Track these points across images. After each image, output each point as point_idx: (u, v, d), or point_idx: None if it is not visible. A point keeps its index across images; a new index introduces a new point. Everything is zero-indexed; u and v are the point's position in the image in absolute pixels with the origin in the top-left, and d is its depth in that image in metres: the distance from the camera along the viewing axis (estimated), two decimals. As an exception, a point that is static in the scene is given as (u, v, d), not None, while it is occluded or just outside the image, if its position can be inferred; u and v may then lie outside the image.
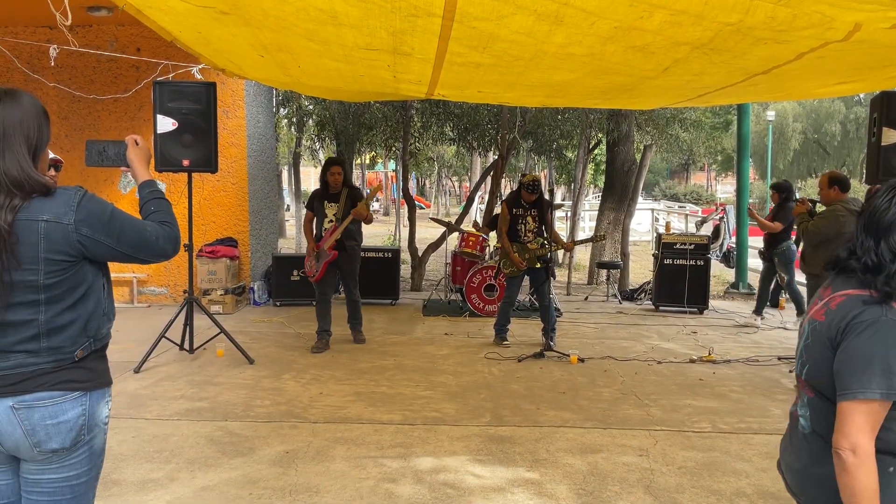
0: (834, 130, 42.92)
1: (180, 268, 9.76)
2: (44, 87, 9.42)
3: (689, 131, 13.71)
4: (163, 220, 2.33)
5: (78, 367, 2.17)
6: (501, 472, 4.35)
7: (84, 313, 2.18)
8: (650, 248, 17.38)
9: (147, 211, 2.36)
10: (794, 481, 2.08)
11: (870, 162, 6.74)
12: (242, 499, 3.94)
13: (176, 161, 6.57)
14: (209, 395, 5.78)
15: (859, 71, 4.91)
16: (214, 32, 4.92)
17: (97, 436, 2.25)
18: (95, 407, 2.23)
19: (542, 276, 7.54)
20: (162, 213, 2.35)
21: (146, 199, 2.39)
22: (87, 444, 2.21)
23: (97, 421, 2.24)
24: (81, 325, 2.17)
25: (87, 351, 2.19)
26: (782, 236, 8.65)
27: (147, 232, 2.24)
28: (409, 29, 4.23)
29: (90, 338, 2.20)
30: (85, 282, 2.18)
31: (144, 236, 2.23)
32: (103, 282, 2.27)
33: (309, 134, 17.09)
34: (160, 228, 2.29)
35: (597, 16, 3.74)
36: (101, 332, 2.26)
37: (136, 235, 2.21)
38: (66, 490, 2.19)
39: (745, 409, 5.64)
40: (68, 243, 2.09)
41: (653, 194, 44.04)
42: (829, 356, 1.88)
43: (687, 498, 4.03)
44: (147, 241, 2.23)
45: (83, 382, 2.18)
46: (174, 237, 2.31)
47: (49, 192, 2.09)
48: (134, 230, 2.21)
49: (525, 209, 7.56)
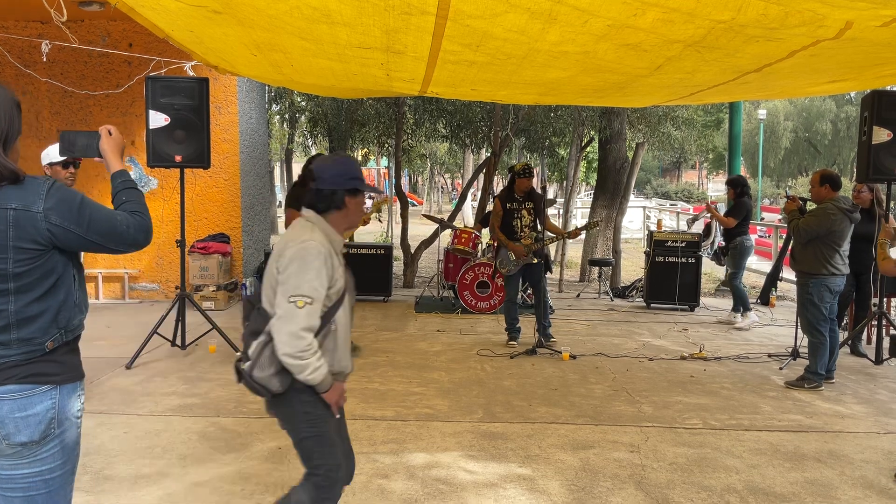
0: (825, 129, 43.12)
1: (172, 264, 9.74)
2: (36, 82, 9.39)
3: (681, 129, 13.74)
4: (134, 209, 2.32)
5: (48, 360, 2.17)
6: (494, 468, 4.36)
7: (55, 304, 2.17)
8: (642, 246, 17.43)
9: (119, 201, 2.35)
10: None
11: (860, 160, 6.79)
12: (235, 494, 3.94)
13: (168, 157, 6.55)
14: (201, 391, 5.78)
15: (850, 69, 4.94)
16: (207, 31, 4.91)
17: (68, 430, 2.24)
18: (66, 401, 2.22)
19: (538, 271, 7.46)
20: (133, 203, 2.34)
21: (118, 188, 2.38)
22: (58, 438, 2.20)
23: (68, 415, 2.23)
24: (52, 315, 2.17)
25: (57, 342, 2.18)
26: (736, 231, 8.68)
27: (117, 221, 2.23)
28: (403, 27, 4.24)
29: (61, 329, 2.20)
30: (55, 272, 2.17)
31: (114, 225, 2.22)
32: (74, 272, 2.26)
33: (301, 130, 17.08)
34: (131, 218, 2.28)
35: (590, 14, 3.75)
36: (73, 324, 2.25)
37: (106, 224, 2.21)
38: (41, 485, 2.19)
39: (735, 406, 5.67)
40: (37, 232, 2.09)
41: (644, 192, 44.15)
42: None
43: (678, 493, 4.05)
44: (117, 231, 2.23)
45: (53, 376, 2.18)
46: (145, 227, 2.31)
47: (18, 181, 2.10)
48: (104, 219, 2.20)
49: (519, 203, 7.40)
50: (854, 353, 7.36)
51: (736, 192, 8.83)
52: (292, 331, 2.59)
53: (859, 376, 6.60)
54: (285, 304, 2.61)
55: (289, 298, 2.61)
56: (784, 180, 46.56)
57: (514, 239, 7.41)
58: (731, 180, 9.12)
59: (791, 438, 4.95)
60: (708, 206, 9.62)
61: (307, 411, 2.76)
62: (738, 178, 9.18)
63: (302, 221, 2.81)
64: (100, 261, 9.68)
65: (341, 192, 2.79)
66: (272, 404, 2.79)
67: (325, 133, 14.27)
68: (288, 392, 2.71)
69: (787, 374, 6.52)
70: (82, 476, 4.12)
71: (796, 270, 6.31)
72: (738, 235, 8.66)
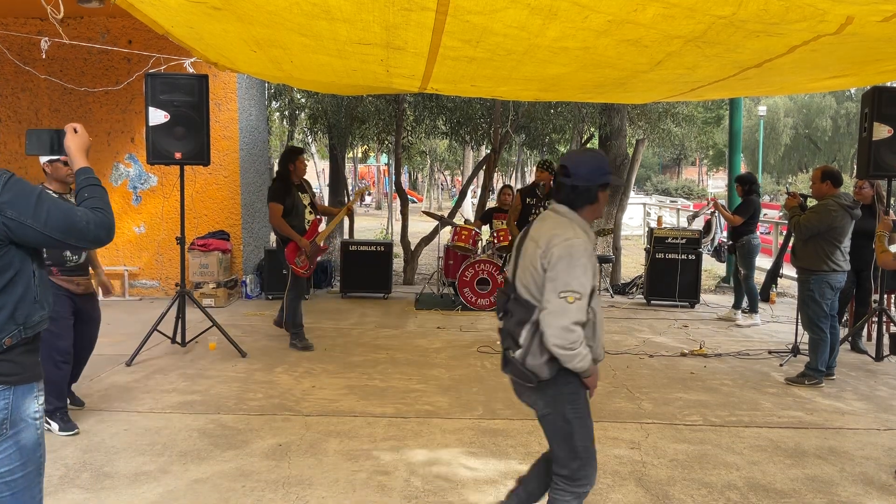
0: (825, 125, 43.10)
1: (172, 261, 9.73)
2: (35, 79, 9.37)
3: (681, 126, 13.74)
4: (96, 206, 2.31)
5: (4, 360, 2.15)
6: (494, 465, 4.36)
7: (12, 299, 2.16)
8: (642, 243, 17.43)
9: (81, 197, 2.34)
10: None
11: (861, 157, 6.78)
12: (235, 491, 3.94)
13: (168, 154, 6.54)
14: (201, 389, 5.78)
15: (851, 65, 4.93)
16: (206, 28, 4.90)
17: (24, 430, 2.21)
18: (20, 401, 2.20)
19: None
20: (95, 200, 2.33)
21: (81, 185, 2.37)
22: (12, 440, 2.18)
23: (23, 416, 2.20)
24: (9, 311, 2.15)
25: (15, 339, 2.17)
26: (743, 229, 8.58)
27: (77, 217, 2.22)
28: (403, 23, 4.23)
29: (19, 325, 2.18)
30: (12, 266, 2.16)
31: (74, 221, 2.21)
32: (34, 268, 2.24)
33: (301, 127, 17.06)
34: (92, 214, 2.27)
35: (590, 9, 3.74)
36: (32, 320, 2.23)
37: (65, 220, 2.19)
38: (3, 487, 2.18)
39: (735, 403, 5.67)
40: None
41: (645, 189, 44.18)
42: None
43: (678, 490, 4.05)
44: (76, 227, 2.21)
45: (8, 376, 2.16)
46: (106, 224, 2.29)
47: None
48: (62, 214, 2.19)
49: (539, 199, 7.32)
50: (854, 349, 7.36)
51: (745, 189, 8.67)
52: (564, 325, 2.75)
53: (859, 373, 6.59)
54: (556, 300, 2.77)
55: (559, 294, 2.76)
56: (784, 177, 46.57)
57: None
58: (740, 177, 8.95)
59: (791, 435, 4.95)
60: (714, 203, 9.55)
61: (573, 393, 2.96)
62: (748, 175, 9.00)
63: (558, 217, 2.95)
64: (99, 258, 9.65)
65: (595, 188, 2.94)
66: (535, 389, 2.97)
67: (325, 130, 14.25)
68: (554, 377, 2.90)
69: (788, 371, 6.52)
70: (82, 473, 4.12)
71: (797, 267, 6.30)
72: (746, 234, 8.56)
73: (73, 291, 4.78)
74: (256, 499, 3.85)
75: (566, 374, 2.90)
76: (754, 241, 8.62)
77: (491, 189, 13.56)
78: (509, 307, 2.98)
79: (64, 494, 3.85)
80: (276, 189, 6.99)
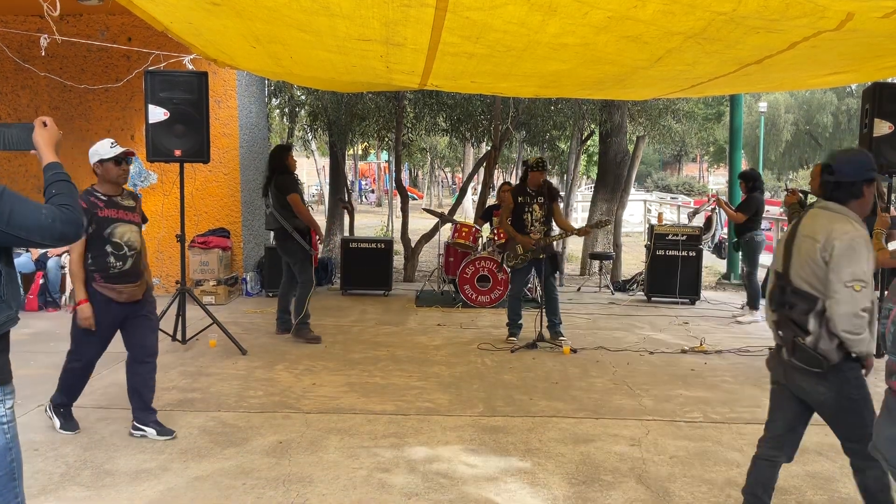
0: (826, 122, 43.01)
1: (172, 258, 9.73)
2: (34, 76, 9.36)
3: (682, 122, 13.73)
4: (63, 202, 2.26)
5: None
6: (494, 462, 4.36)
7: None
8: (642, 239, 17.42)
9: (49, 194, 2.30)
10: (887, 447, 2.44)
11: (861, 153, 6.75)
12: (236, 489, 3.94)
13: (168, 151, 6.54)
14: (202, 386, 5.78)
15: (852, 61, 4.92)
16: (206, 24, 4.89)
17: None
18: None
19: (547, 268, 7.30)
20: (63, 196, 2.29)
21: (49, 181, 2.32)
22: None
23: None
24: None
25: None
26: (747, 226, 8.55)
27: (42, 215, 2.18)
28: (402, 19, 4.22)
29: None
30: None
31: (38, 219, 2.17)
32: (1, 266, 2.21)
33: (301, 124, 17.04)
34: (58, 211, 2.22)
35: (590, 6, 3.73)
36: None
37: (29, 218, 2.16)
38: None
39: (736, 400, 5.67)
40: None
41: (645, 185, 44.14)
42: None
43: (679, 487, 4.05)
44: (41, 224, 2.17)
45: None
46: (74, 220, 2.25)
47: None
48: (27, 212, 2.15)
49: (532, 197, 7.27)
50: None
51: (748, 186, 8.62)
52: (853, 311, 2.96)
53: (860, 369, 6.59)
54: (843, 290, 2.97)
55: (846, 284, 2.96)
56: (785, 173, 46.52)
57: (524, 233, 7.29)
58: (744, 174, 8.88)
59: (792, 431, 4.94)
60: (718, 199, 9.52)
61: (856, 377, 3.21)
62: (752, 172, 8.95)
63: (830, 214, 3.12)
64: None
65: (860, 183, 3.10)
66: (819, 375, 3.16)
67: (325, 127, 14.23)
68: (839, 362, 3.12)
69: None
70: (82, 471, 4.12)
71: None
72: (749, 231, 8.54)
73: (115, 300, 4.53)
74: (257, 496, 3.85)
75: (849, 359, 3.13)
76: (758, 238, 8.60)
77: (491, 186, 13.55)
78: (788, 299, 3.19)
79: (65, 492, 3.85)
80: (291, 181, 7.20)
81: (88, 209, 4.31)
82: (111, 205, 4.48)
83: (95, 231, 4.40)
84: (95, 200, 4.43)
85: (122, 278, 4.52)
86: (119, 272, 4.50)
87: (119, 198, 4.53)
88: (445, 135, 15.79)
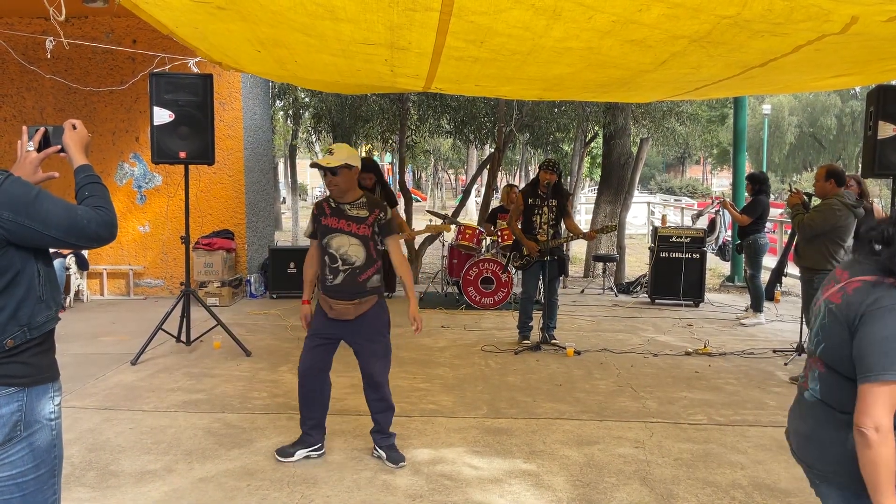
0: (829, 124, 42.97)
1: (177, 260, 9.76)
2: (40, 78, 9.40)
3: (686, 124, 13.71)
4: (97, 204, 2.29)
5: (14, 361, 2.14)
6: (498, 464, 4.37)
7: (13, 300, 2.13)
8: (646, 242, 17.42)
9: (82, 196, 2.32)
10: (798, 444, 2.30)
11: (866, 155, 6.74)
12: (240, 490, 3.95)
13: (172, 153, 6.55)
14: (206, 387, 5.79)
15: (856, 64, 4.93)
16: (211, 27, 4.91)
17: (38, 432, 2.20)
18: (35, 403, 2.18)
19: (553, 270, 7.29)
20: (97, 198, 2.31)
21: (81, 183, 2.34)
22: (25, 441, 2.16)
23: (37, 417, 2.19)
24: (11, 311, 2.13)
25: (19, 340, 2.14)
26: (750, 228, 8.53)
27: (78, 216, 2.19)
28: (407, 23, 4.23)
29: (23, 326, 2.16)
30: (12, 267, 2.13)
31: (75, 220, 2.18)
32: (38, 267, 2.22)
33: (305, 126, 17.08)
34: (93, 213, 2.24)
35: (595, 10, 3.74)
36: (37, 321, 2.20)
37: (66, 219, 2.17)
38: (14, 488, 2.16)
39: (740, 402, 5.67)
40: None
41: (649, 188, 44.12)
42: (846, 337, 2.04)
43: (683, 489, 4.05)
44: (78, 226, 2.19)
45: (20, 378, 2.15)
46: (108, 222, 2.27)
47: None
48: (63, 214, 2.17)
49: (542, 199, 7.24)
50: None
51: (754, 188, 8.62)
52: None
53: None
54: None
55: None
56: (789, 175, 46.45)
57: (531, 235, 7.29)
58: (751, 176, 8.85)
59: (796, 434, 4.94)
60: (723, 201, 9.50)
61: None
62: (760, 174, 8.92)
63: None
64: (104, 257, 9.71)
65: None
66: None
67: (329, 129, 14.26)
68: None
69: (793, 370, 6.51)
70: (87, 472, 4.14)
71: (801, 266, 6.29)
72: (753, 233, 8.53)
73: (327, 314, 4.39)
74: (261, 497, 3.87)
75: None
76: (761, 241, 8.59)
77: (495, 188, 13.56)
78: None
79: (70, 493, 3.86)
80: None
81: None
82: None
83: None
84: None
85: (333, 292, 4.44)
86: (331, 285, 4.45)
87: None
88: (449, 137, 15.82)
